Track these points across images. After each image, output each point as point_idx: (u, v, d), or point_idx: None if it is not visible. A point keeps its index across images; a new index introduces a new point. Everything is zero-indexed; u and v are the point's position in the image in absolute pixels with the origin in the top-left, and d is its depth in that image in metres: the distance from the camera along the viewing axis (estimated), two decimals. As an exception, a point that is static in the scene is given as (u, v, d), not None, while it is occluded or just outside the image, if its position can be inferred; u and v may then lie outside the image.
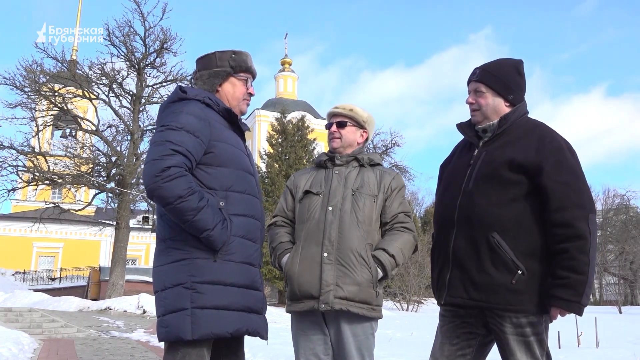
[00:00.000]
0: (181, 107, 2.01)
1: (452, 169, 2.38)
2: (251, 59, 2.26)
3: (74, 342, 8.60)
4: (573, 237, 1.99)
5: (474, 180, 2.18)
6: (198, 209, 1.87)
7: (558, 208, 2.02)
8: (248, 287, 2.01)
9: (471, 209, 2.15)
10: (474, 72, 2.30)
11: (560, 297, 1.98)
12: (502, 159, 2.14)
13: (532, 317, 2.06)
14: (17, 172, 20.21)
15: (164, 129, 1.95)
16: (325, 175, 2.58)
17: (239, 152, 2.12)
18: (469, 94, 2.31)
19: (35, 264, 35.26)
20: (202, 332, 1.86)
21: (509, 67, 2.28)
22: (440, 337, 2.29)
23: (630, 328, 13.31)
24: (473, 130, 2.31)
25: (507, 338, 2.07)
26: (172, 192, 1.84)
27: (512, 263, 2.04)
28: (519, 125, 2.22)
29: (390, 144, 33.22)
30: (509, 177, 2.10)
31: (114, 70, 20.71)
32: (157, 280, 1.99)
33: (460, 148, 2.45)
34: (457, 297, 2.14)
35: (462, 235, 2.16)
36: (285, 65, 48.08)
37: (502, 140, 2.20)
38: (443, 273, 2.22)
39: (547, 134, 2.17)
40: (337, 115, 2.63)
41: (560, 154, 2.09)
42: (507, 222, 2.07)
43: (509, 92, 2.24)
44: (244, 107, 2.28)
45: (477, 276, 2.09)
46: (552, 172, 2.05)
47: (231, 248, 1.97)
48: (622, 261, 39.05)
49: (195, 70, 2.26)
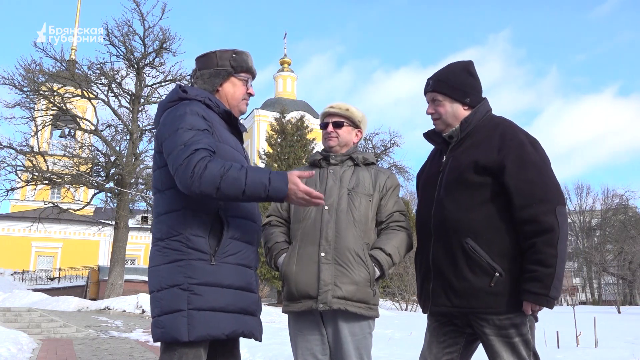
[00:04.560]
0: (184, 108, 2.00)
1: (425, 178, 2.40)
2: (252, 59, 2.25)
3: (72, 342, 8.60)
4: (540, 231, 1.99)
5: (444, 187, 2.19)
6: (245, 174, 1.84)
7: (523, 205, 2.02)
8: (244, 289, 2.01)
9: (444, 217, 2.16)
10: (427, 83, 2.32)
11: (530, 290, 1.98)
12: (466, 162, 2.14)
13: (515, 317, 2.05)
14: (16, 172, 20.22)
15: (175, 134, 1.92)
16: (320, 174, 2.57)
17: (238, 155, 2.11)
18: (427, 104, 2.32)
19: (34, 263, 35.24)
20: (198, 334, 1.86)
21: (460, 71, 2.28)
22: (428, 336, 2.31)
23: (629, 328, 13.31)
24: (441, 137, 2.32)
25: (490, 340, 2.07)
26: (212, 179, 1.81)
27: (489, 266, 2.05)
28: (482, 125, 2.23)
29: (390, 144, 33.31)
30: (474, 180, 2.11)
31: (113, 70, 20.73)
32: (153, 281, 1.98)
33: (432, 156, 2.47)
34: (441, 305, 2.16)
35: (439, 244, 2.17)
36: (284, 65, 48.06)
37: (467, 144, 2.21)
38: (425, 283, 2.24)
39: (509, 130, 2.16)
40: (333, 115, 2.63)
41: (521, 150, 2.08)
42: (478, 226, 2.08)
43: (465, 96, 2.24)
44: (244, 108, 2.27)
45: (456, 283, 2.10)
46: (514, 170, 2.05)
47: (228, 250, 1.97)
48: (621, 261, 39.05)
49: (195, 69, 2.24)
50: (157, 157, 2.05)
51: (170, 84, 21.21)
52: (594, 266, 41.18)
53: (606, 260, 40.72)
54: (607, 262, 40.63)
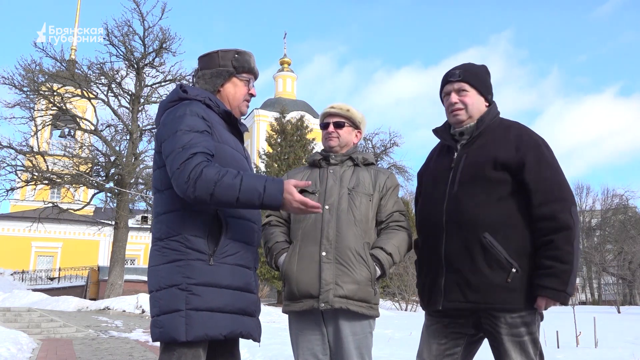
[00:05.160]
0: (184, 109, 1.99)
1: (431, 174, 2.39)
2: (254, 60, 2.24)
3: (72, 342, 8.59)
4: (558, 228, 2.03)
5: (459, 183, 2.20)
6: (240, 181, 1.84)
7: (542, 202, 2.07)
8: (243, 290, 2.00)
9: (460, 212, 2.16)
10: (452, 73, 2.32)
11: (546, 286, 2.00)
12: (485, 159, 2.17)
13: (527, 316, 2.07)
14: (15, 172, 20.22)
15: (174, 135, 1.92)
16: (319, 174, 2.58)
17: (238, 155, 2.11)
18: (447, 94, 2.32)
19: (34, 263, 35.24)
20: (196, 334, 1.85)
21: (483, 69, 2.36)
22: (427, 336, 2.30)
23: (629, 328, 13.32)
24: (449, 134, 2.34)
25: (502, 339, 2.08)
26: (207, 185, 1.82)
27: (506, 261, 2.06)
28: (494, 125, 2.27)
29: (389, 144, 33.34)
30: (493, 176, 2.13)
31: (113, 70, 20.73)
32: (152, 281, 1.98)
33: (436, 153, 2.47)
34: (455, 301, 2.14)
35: (453, 238, 2.17)
36: (284, 65, 48.09)
37: (482, 141, 2.24)
38: (437, 279, 2.21)
39: (524, 131, 2.23)
40: (334, 116, 2.63)
41: (539, 150, 2.15)
42: (496, 221, 2.10)
43: (488, 92, 2.32)
44: (244, 108, 2.26)
45: (473, 278, 2.09)
46: (533, 168, 2.10)
47: (227, 250, 1.96)
48: (621, 261, 39.04)
49: (197, 68, 2.23)
50: (157, 157, 2.05)
51: (170, 84, 21.21)
52: (594, 266, 41.15)
53: (606, 260, 40.70)
54: (607, 262, 40.61)
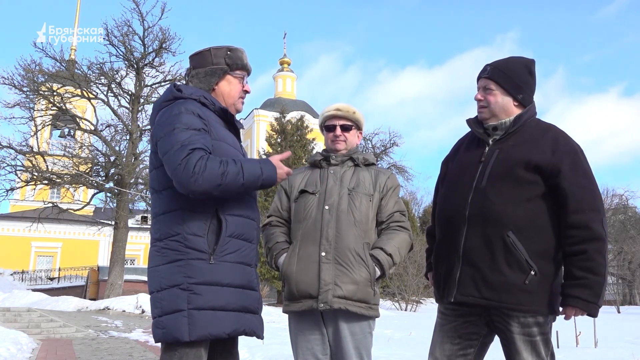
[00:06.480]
0: (179, 107, 1.98)
1: (459, 164, 2.34)
2: (246, 56, 2.23)
3: (72, 342, 8.59)
4: (590, 239, 2.00)
5: (488, 178, 2.16)
6: (241, 168, 1.92)
7: (576, 210, 2.03)
8: (244, 287, 2.00)
9: (486, 207, 2.12)
10: (484, 68, 2.28)
11: (579, 297, 1.99)
12: (517, 158, 2.12)
13: (540, 317, 2.06)
14: (15, 172, 20.22)
15: (171, 133, 1.91)
16: (320, 174, 2.58)
17: (236, 152, 2.11)
18: (477, 90, 2.29)
19: (33, 263, 35.20)
20: (199, 333, 1.85)
21: (521, 66, 2.25)
22: (440, 335, 2.27)
23: (628, 328, 13.32)
24: (482, 127, 2.29)
25: (514, 338, 2.07)
26: (214, 177, 1.85)
27: (526, 263, 2.04)
28: (530, 126, 2.21)
29: (389, 144, 33.34)
30: (524, 177, 2.10)
31: (112, 70, 20.71)
32: (152, 281, 1.98)
33: (465, 144, 2.41)
34: (468, 295, 2.12)
35: (475, 232, 2.13)
36: (284, 65, 48.06)
37: (516, 140, 2.19)
38: (452, 270, 2.18)
39: (561, 136, 2.17)
40: (341, 118, 2.62)
41: (576, 157, 2.11)
42: (521, 221, 2.07)
43: (519, 92, 2.22)
44: (240, 106, 2.25)
45: (490, 275, 2.07)
46: (569, 175, 2.06)
47: (227, 248, 1.96)
48: (621, 261, 39.00)
49: (190, 67, 2.22)
50: (153, 157, 2.04)
51: (170, 83, 21.17)
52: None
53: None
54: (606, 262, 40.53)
